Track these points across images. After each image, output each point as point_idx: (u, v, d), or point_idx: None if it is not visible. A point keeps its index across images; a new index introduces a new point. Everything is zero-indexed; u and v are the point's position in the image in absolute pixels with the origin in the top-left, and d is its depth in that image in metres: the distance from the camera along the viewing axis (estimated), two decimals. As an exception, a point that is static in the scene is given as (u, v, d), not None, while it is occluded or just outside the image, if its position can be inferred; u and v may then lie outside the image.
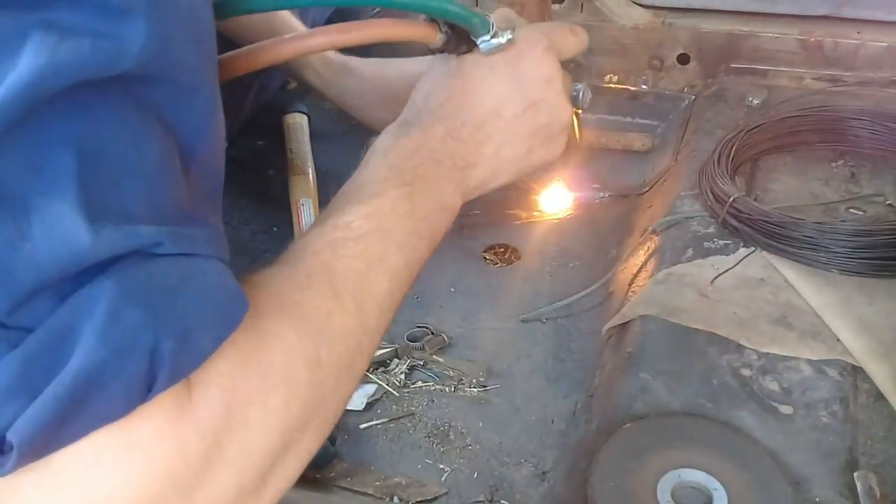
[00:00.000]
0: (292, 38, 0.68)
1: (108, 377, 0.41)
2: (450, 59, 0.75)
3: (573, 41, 0.81)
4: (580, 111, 0.82)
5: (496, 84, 0.74)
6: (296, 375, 0.51)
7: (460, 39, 0.73)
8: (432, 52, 0.75)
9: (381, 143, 0.72)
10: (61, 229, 0.41)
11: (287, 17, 1.20)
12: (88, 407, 0.41)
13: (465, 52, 0.74)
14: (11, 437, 0.40)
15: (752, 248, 1.11)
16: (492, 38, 0.73)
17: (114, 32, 0.42)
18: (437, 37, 0.71)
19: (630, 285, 1.13)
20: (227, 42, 0.73)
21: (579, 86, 0.82)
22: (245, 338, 0.48)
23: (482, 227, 1.34)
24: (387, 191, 0.66)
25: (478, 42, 0.73)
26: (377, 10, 1.19)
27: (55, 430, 0.41)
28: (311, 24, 1.29)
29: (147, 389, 0.42)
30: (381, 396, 1.05)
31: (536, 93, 0.75)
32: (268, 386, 0.49)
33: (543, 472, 0.95)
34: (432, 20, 0.71)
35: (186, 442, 0.45)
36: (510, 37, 0.74)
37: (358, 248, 0.61)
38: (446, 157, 0.72)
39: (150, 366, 0.42)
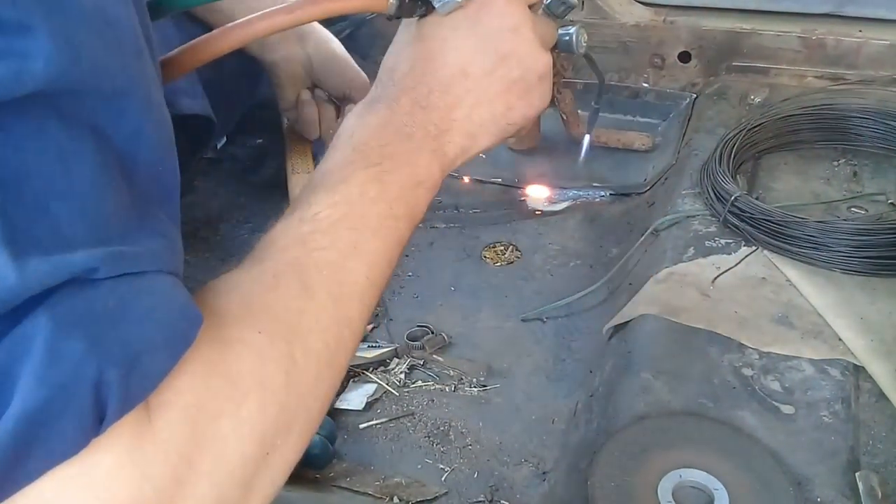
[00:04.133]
0: (234, 26, 0.65)
1: (52, 416, 0.39)
2: (410, 27, 0.71)
3: None
4: (576, 54, 0.76)
5: (459, 43, 0.69)
6: (269, 380, 0.50)
7: (415, 2, 0.69)
8: (389, 19, 0.71)
9: (346, 124, 0.68)
10: None
11: None
12: (38, 448, 0.40)
13: (425, 15, 0.70)
14: None
15: (754, 247, 1.10)
16: None
17: (13, 50, 0.39)
18: (388, 3, 0.67)
19: (631, 284, 1.13)
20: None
21: (572, 29, 0.77)
22: (208, 350, 0.47)
23: (482, 225, 1.34)
24: (353, 174, 0.63)
25: (434, 2, 0.69)
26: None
27: (7, 474, 0.39)
28: None
29: (99, 422, 0.41)
30: (381, 396, 1.05)
31: (504, 45, 0.70)
32: (238, 395, 0.48)
33: (544, 472, 0.95)
34: None
35: (150, 466, 0.43)
36: None
37: (327, 239, 0.58)
38: (417, 129, 0.68)
39: (98, 397, 0.41)
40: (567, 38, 0.75)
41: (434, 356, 1.10)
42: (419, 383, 1.06)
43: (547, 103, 0.74)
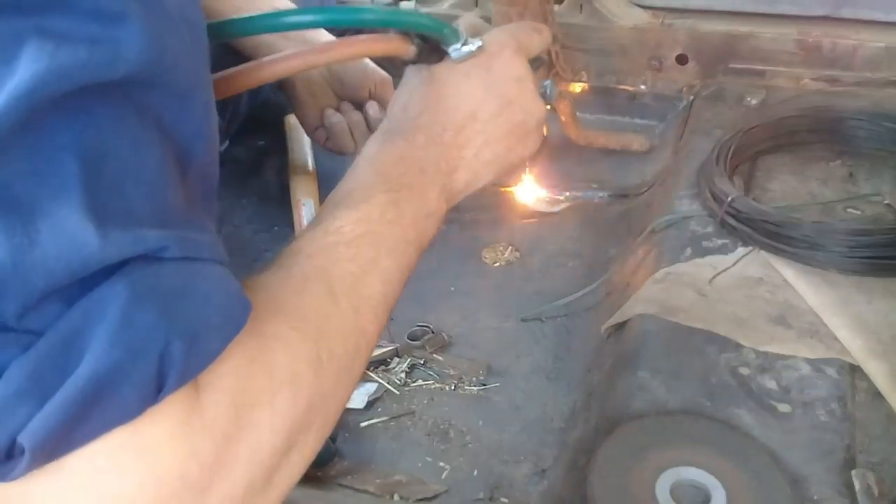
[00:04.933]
0: (269, 61, 0.69)
1: (120, 378, 0.41)
2: (422, 70, 0.77)
3: (538, 39, 0.82)
4: (548, 107, 0.84)
5: (471, 89, 0.76)
6: (299, 376, 0.52)
7: (432, 50, 0.75)
8: (405, 64, 0.77)
9: (366, 151, 0.73)
10: (69, 234, 0.41)
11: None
12: (100, 409, 0.41)
13: (437, 62, 0.76)
14: (23, 440, 0.40)
15: (751, 248, 1.11)
16: (462, 46, 0.74)
17: (110, 37, 0.42)
18: (409, 49, 0.73)
19: (629, 284, 1.14)
20: (237, 57, 0.74)
21: (546, 82, 0.84)
22: (249, 340, 0.48)
23: (482, 226, 1.35)
24: (375, 196, 0.67)
25: (449, 51, 0.75)
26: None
27: (67, 432, 0.41)
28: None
29: (157, 391, 0.43)
30: (382, 395, 1.05)
31: (510, 93, 0.77)
32: (274, 386, 0.50)
33: (543, 471, 0.95)
34: (404, 34, 0.73)
35: (198, 443, 0.45)
36: (480, 44, 0.75)
37: (350, 251, 0.61)
38: (429, 164, 0.73)
39: (161, 367, 0.42)
40: (542, 89, 0.82)
41: (434, 355, 1.11)
42: (419, 382, 1.07)
43: (538, 148, 0.82)
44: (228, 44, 1.10)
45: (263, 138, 1.52)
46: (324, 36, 1.16)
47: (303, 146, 1.41)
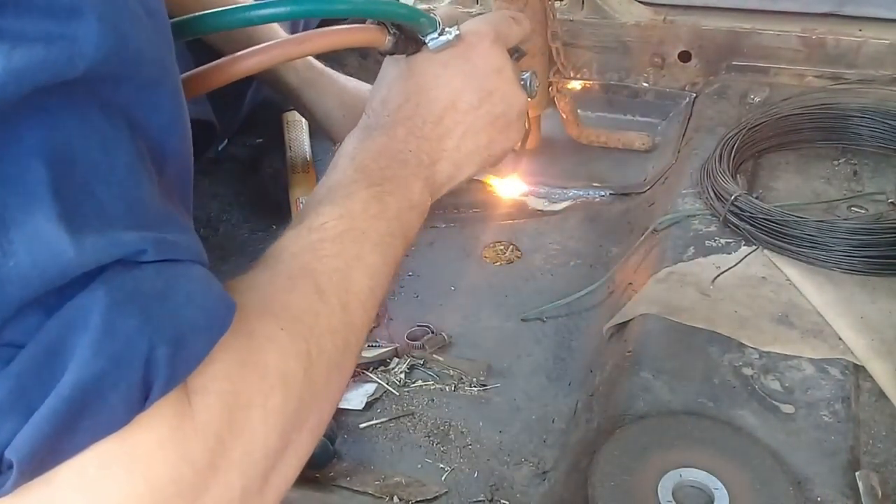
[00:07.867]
0: (247, 53, 0.68)
1: (106, 387, 0.40)
2: (400, 62, 0.76)
3: (517, 29, 0.82)
4: (529, 99, 0.83)
5: (450, 79, 0.75)
6: (291, 376, 0.51)
7: (409, 40, 0.74)
8: (382, 54, 0.76)
9: (346, 147, 0.73)
10: (43, 242, 0.40)
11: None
12: (87, 419, 0.40)
13: (414, 52, 0.75)
14: (10, 455, 0.40)
15: (754, 247, 1.10)
16: (439, 35, 0.74)
17: (66, 34, 0.41)
18: (385, 39, 0.72)
19: (631, 284, 1.13)
20: (211, 52, 0.73)
21: (526, 74, 0.83)
22: (238, 341, 0.48)
23: (482, 225, 1.34)
24: (357, 192, 0.66)
25: (426, 41, 0.74)
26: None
27: (54, 444, 0.40)
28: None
29: (144, 398, 0.42)
30: (381, 396, 1.05)
31: (490, 83, 0.76)
32: (266, 387, 0.49)
33: (544, 472, 0.95)
34: (380, 23, 0.72)
35: (190, 447, 0.44)
36: (457, 33, 0.75)
37: (335, 248, 0.61)
38: (411, 157, 0.72)
39: (146, 373, 0.42)
40: (523, 81, 0.82)
41: (434, 356, 1.10)
42: (419, 383, 1.07)
43: (520, 139, 0.81)
44: (202, 39, 1.10)
45: (262, 136, 1.51)
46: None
47: (301, 144, 1.40)
